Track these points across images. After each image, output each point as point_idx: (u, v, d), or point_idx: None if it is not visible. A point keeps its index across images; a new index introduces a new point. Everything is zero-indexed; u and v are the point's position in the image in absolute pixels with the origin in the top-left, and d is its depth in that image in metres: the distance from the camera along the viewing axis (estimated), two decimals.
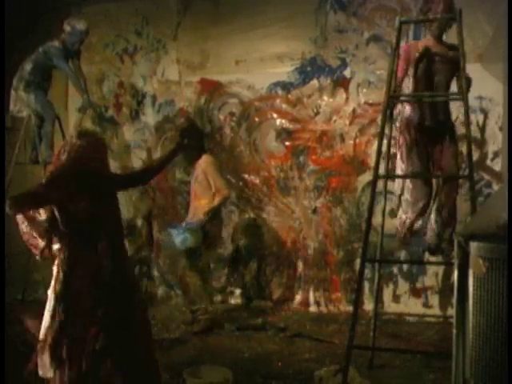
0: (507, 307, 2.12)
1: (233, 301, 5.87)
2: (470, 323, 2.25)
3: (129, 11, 6.33)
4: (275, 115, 5.83)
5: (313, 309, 5.62)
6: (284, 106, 5.79)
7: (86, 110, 5.45)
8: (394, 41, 3.75)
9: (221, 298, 5.82)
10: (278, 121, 5.81)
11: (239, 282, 5.85)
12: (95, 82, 6.40)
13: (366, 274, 5.11)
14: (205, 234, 4.92)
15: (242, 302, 5.82)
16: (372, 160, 4.46)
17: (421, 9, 3.95)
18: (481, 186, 4.99)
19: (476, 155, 4.85)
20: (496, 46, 4.74)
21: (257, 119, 5.90)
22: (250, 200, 5.88)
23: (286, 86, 5.76)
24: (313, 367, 3.88)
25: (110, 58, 6.46)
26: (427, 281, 5.26)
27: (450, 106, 4.05)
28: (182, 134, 5.20)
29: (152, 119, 6.31)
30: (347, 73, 5.55)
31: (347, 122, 5.54)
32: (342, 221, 5.58)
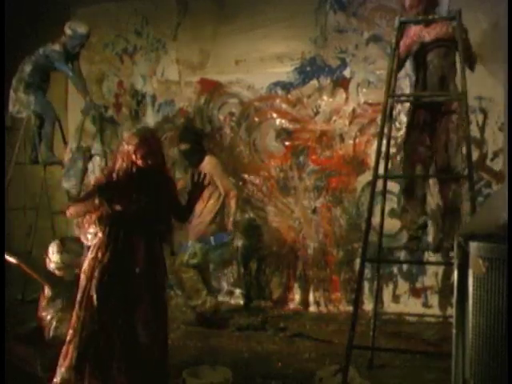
0: (507, 307, 2.12)
1: (233, 301, 5.87)
2: (470, 323, 2.25)
3: (128, 11, 6.34)
4: (275, 115, 5.83)
5: (313, 309, 5.62)
6: (284, 105, 5.79)
7: (89, 112, 5.44)
8: (394, 41, 3.75)
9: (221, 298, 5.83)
10: (278, 121, 5.81)
11: (239, 282, 5.86)
12: (95, 81, 6.41)
13: (365, 274, 5.11)
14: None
15: (242, 301, 5.82)
16: (372, 160, 4.45)
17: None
18: (481, 186, 4.99)
19: (476, 155, 4.85)
20: (496, 46, 4.73)
21: (257, 119, 5.90)
22: (249, 200, 5.88)
23: (286, 86, 5.76)
24: (313, 367, 3.87)
25: (109, 57, 6.47)
26: (427, 281, 5.26)
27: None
28: (181, 137, 5.20)
29: (152, 119, 6.31)
30: (347, 73, 5.55)
31: (347, 121, 5.54)
32: (342, 221, 5.58)
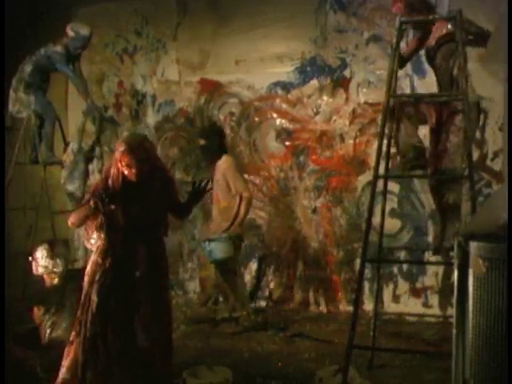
0: (507, 307, 2.12)
1: None
2: (470, 323, 2.25)
3: (128, 11, 6.34)
4: (275, 115, 5.83)
5: (313, 309, 5.62)
6: (284, 105, 5.79)
7: (91, 114, 5.42)
8: (394, 41, 3.75)
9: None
10: (278, 121, 5.81)
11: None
12: (95, 82, 6.41)
13: (366, 274, 5.11)
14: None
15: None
16: (372, 160, 4.45)
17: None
18: (481, 185, 4.99)
19: (476, 155, 4.85)
20: (496, 46, 4.73)
21: (257, 119, 5.90)
22: None
23: (286, 86, 5.76)
24: (313, 367, 3.87)
25: (109, 57, 6.47)
26: (427, 281, 5.25)
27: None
28: (201, 133, 5.18)
29: (152, 119, 6.31)
30: (347, 73, 5.55)
31: (347, 121, 5.54)
32: (342, 221, 5.57)
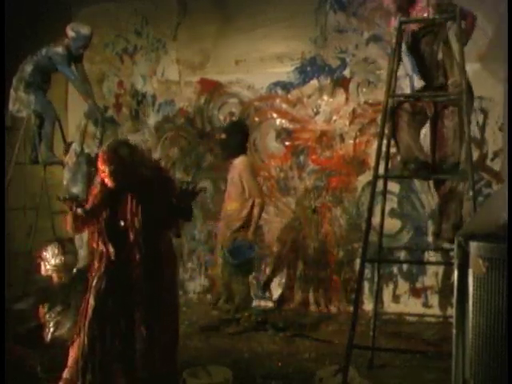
0: (507, 307, 2.12)
1: None
2: (470, 323, 2.24)
3: (128, 11, 6.34)
4: (275, 115, 5.83)
5: (313, 309, 5.62)
6: (284, 105, 5.79)
7: (93, 116, 5.40)
8: (394, 41, 3.75)
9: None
10: (278, 121, 5.81)
11: None
12: (95, 82, 6.39)
13: (366, 274, 5.11)
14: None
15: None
16: (372, 160, 4.45)
17: None
18: (481, 186, 4.99)
19: (476, 155, 4.85)
20: (496, 46, 4.73)
21: (257, 119, 5.90)
22: None
23: (286, 86, 5.76)
24: (313, 367, 3.88)
25: (109, 57, 6.47)
26: (427, 281, 5.25)
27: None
28: (225, 128, 5.18)
29: (152, 119, 6.31)
30: (347, 73, 5.56)
31: (347, 121, 5.54)
32: (342, 221, 5.58)
